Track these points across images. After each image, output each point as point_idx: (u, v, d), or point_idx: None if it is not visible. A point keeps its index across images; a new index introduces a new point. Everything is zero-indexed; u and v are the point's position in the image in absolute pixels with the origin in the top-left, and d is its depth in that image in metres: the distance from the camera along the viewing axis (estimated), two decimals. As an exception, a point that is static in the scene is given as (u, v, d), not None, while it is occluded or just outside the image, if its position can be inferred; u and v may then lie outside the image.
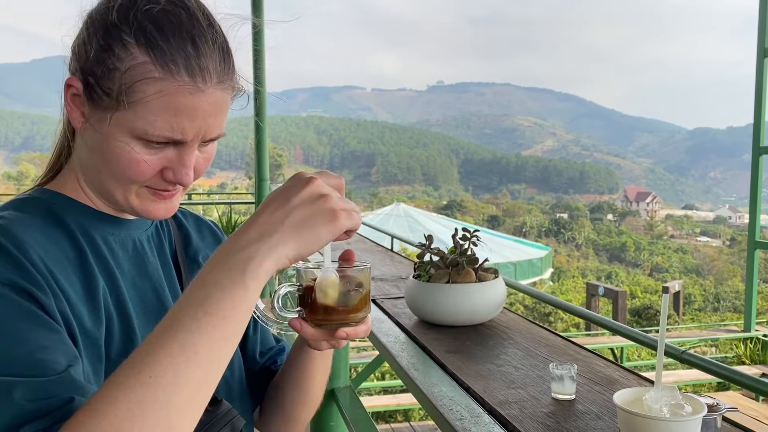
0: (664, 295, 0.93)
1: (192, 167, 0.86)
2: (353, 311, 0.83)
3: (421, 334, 1.82)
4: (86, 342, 0.80)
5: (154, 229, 1.01)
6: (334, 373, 2.51)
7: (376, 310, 2.17)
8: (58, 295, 0.77)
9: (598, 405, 1.27)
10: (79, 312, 0.80)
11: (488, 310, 1.90)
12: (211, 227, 1.16)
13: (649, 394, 0.92)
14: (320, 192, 0.72)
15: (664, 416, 0.87)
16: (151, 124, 0.80)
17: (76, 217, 0.89)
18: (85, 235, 0.88)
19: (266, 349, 1.18)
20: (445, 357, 1.60)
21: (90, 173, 0.89)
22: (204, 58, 0.82)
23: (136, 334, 0.87)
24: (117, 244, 0.92)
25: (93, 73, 0.82)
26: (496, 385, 1.39)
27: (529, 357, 1.60)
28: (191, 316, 0.66)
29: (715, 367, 1.18)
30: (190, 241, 1.08)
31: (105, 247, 0.89)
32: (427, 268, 1.96)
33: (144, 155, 0.83)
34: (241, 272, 0.68)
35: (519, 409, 1.26)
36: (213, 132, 0.85)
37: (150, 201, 0.88)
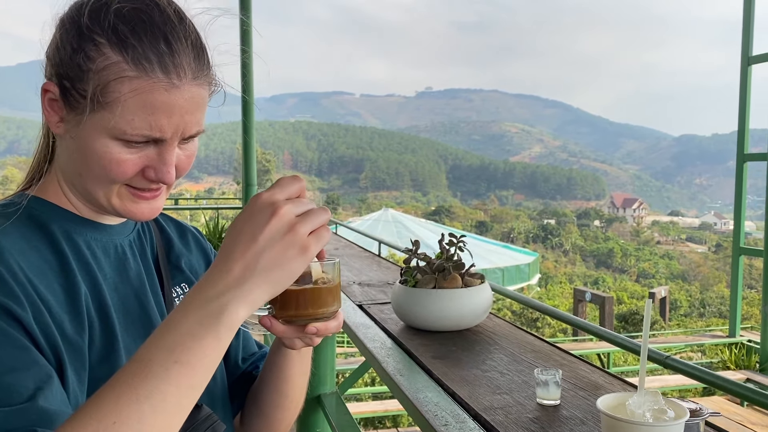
0: (647, 301, 0.94)
1: (173, 165, 0.86)
2: (323, 306, 0.83)
3: (407, 340, 1.82)
4: (69, 350, 0.79)
5: (136, 235, 1.00)
6: (320, 379, 2.50)
7: (362, 315, 2.16)
8: (37, 305, 0.76)
9: (582, 410, 1.27)
10: (61, 320, 0.79)
11: (474, 316, 1.90)
12: (195, 234, 1.15)
13: (632, 399, 0.92)
14: (288, 223, 0.71)
15: (646, 421, 0.87)
16: (128, 123, 0.80)
17: (59, 223, 0.88)
18: (68, 240, 0.87)
19: (248, 354, 1.18)
20: (431, 363, 1.60)
21: (71, 176, 0.89)
22: (177, 55, 0.82)
23: (117, 340, 0.86)
24: (99, 249, 0.92)
25: (68, 77, 0.82)
26: (482, 391, 1.39)
27: (514, 362, 1.60)
28: (161, 363, 0.66)
29: (699, 372, 1.19)
30: (172, 247, 1.07)
31: (88, 252, 0.89)
32: (413, 274, 1.96)
33: (124, 155, 0.83)
34: (215, 322, 0.68)
35: (504, 415, 1.26)
36: (192, 128, 0.85)
37: (132, 202, 0.88)
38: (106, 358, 0.84)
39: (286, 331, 0.83)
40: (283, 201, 0.72)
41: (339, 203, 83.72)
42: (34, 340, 0.74)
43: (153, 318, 0.94)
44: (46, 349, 0.76)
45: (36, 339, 0.74)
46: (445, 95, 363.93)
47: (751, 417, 6.43)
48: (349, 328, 2.00)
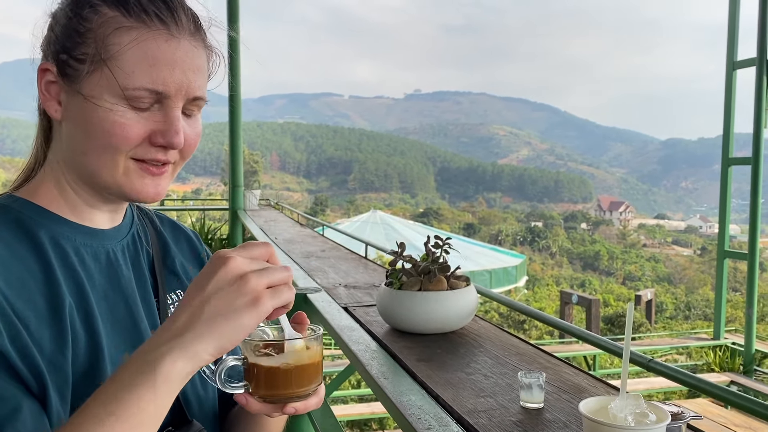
0: (629, 305, 0.94)
1: (180, 128, 0.83)
2: (303, 384, 0.76)
3: (392, 342, 1.81)
4: (51, 369, 0.76)
5: (131, 239, 0.97)
6: (305, 381, 2.48)
7: (348, 318, 2.16)
8: (14, 326, 0.74)
9: (566, 413, 1.27)
10: (40, 337, 0.76)
11: (460, 318, 1.90)
12: (189, 236, 1.11)
13: (614, 402, 0.92)
14: (237, 273, 0.68)
15: (628, 425, 0.87)
16: (129, 76, 0.79)
17: (48, 228, 0.85)
18: (56, 247, 0.84)
19: None
20: (416, 365, 1.59)
21: (74, 162, 0.86)
22: (174, 10, 0.83)
23: (103, 353, 0.83)
24: (89, 255, 0.88)
25: (65, 48, 0.82)
26: (466, 394, 1.39)
27: (499, 365, 1.60)
28: (96, 415, 0.64)
29: (681, 375, 1.19)
30: (168, 250, 1.04)
31: (76, 258, 0.86)
32: (399, 276, 1.95)
33: (128, 118, 0.81)
34: (150, 373, 0.66)
35: (487, 418, 1.25)
36: (195, 89, 0.84)
37: (138, 177, 0.85)
38: (89, 372, 0.81)
39: (262, 409, 0.79)
40: (238, 254, 0.70)
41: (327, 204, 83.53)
42: (12, 365, 0.72)
43: (142, 328, 0.91)
44: (25, 372, 0.73)
45: (13, 363, 0.72)
46: (434, 97, 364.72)
47: (735, 419, 6.49)
48: (334, 331, 1.99)
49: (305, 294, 2.41)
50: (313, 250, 3.93)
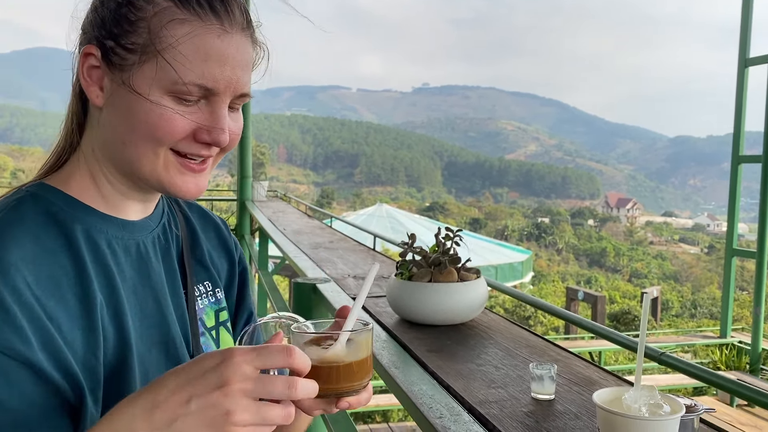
0: (645, 295, 0.94)
1: (227, 126, 0.82)
2: (357, 379, 0.76)
3: (402, 333, 1.82)
4: (84, 372, 0.75)
5: (161, 230, 0.95)
6: (313, 371, 2.50)
7: (357, 308, 2.16)
8: (47, 330, 0.72)
9: (577, 405, 1.28)
10: (73, 339, 0.75)
11: (470, 310, 1.90)
12: (217, 225, 1.08)
13: (628, 393, 0.92)
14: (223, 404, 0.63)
15: (642, 415, 0.87)
16: (180, 71, 0.77)
17: (81, 221, 0.83)
18: (88, 240, 0.82)
19: None
20: (426, 356, 1.60)
21: (111, 151, 0.83)
22: (228, 3, 0.81)
23: (131, 349, 0.82)
24: (121, 248, 0.87)
25: (112, 35, 0.79)
26: (477, 385, 1.39)
27: (509, 357, 1.60)
28: None
29: (693, 369, 1.19)
30: (197, 241, 1.02)
31: (108, 251, 0.84)
32: (409, 267, 1.96)
33: (175, 112, 0.79)
34: None
35: (499, 408, 1.26)
36: (243, 86, 0.82)
37: (179, 174, 0.82)
38: (118, 370, 0.80)
39: (314, 405, 0.77)
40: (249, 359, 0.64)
41: (333, 197, 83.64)
42: (45, 376, 0.71)
43: (171, 324, 0.90)
44: (60, 380, 0.72)
45: (46, 373, 0.71)
46: (442, 91, 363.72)
47: (741, 417, 6.48)
48: (344, 320, 1.99)
49: (314, 284, 2.42)
50: (321, 242, 3.93)
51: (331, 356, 0.74)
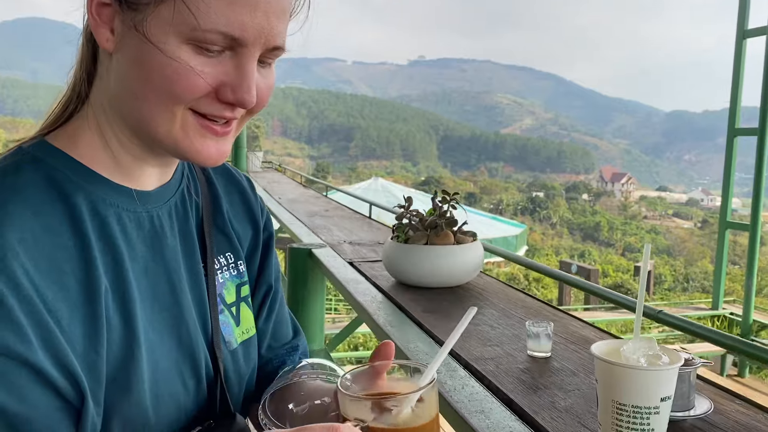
0: (646, 246, 0.92)
1: (254, 83, 0.70)
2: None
3: (398, 295, 1.81)
4: (85, 369, 0.67)
5: (180, 197, 0.84)
6: (308, 336, 2.50)
7: (353, 272, 2.15)
8: (46, 324, 0.64)
9: (573, 362, 1.27)
10: (72, 334, 0.67)
11: (466, 272, 1.89)
12: (243, 189, 0.97)
13: (626, 345, 0.91)
14: None
15: (641, 366, 0.86)
16: (203, 14, 0.65)
17: (87, 191, 0.72)
18: (95, 215, 0.72)
19: (279, 344, 1.02)
20: (422, 316, 1.59)
21: (123, 106, 0.72)
22: None
23: (138, 340, 0.73)
24: (132, 222, 0.76)
25: None
26: (473, 343, 1.39)
27: (505, 317, 1.60)
28: None
29: (690, 326, 1.19)
30: (219, 208, 0.91)
31: (118, 227, 0.74)
32: (405, 230, 1.95)
33: (195, 64, 0.67)
34: None
35: (495, 365, 1.25)
36: (276, 38, 0.70)
37: (199, 136, 0.71)
38: (123, 366, 0.71)
39: None
40: None
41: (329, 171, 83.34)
42: (46, 378, 0.64)
43: (184, 307, 0.81)
44: (60, 380, 0.65)
45: (46, 374, 0.64)
46: (438, 65, 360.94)
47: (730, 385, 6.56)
48: (340, 283, 1.99)
49: (310, 249, 2.40)
50: (317, 210, 3.92)
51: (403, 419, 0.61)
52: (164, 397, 0.77)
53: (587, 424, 0.99)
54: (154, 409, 0.75)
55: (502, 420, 1.00)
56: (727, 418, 1.01)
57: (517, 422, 1.00)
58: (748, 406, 1.06)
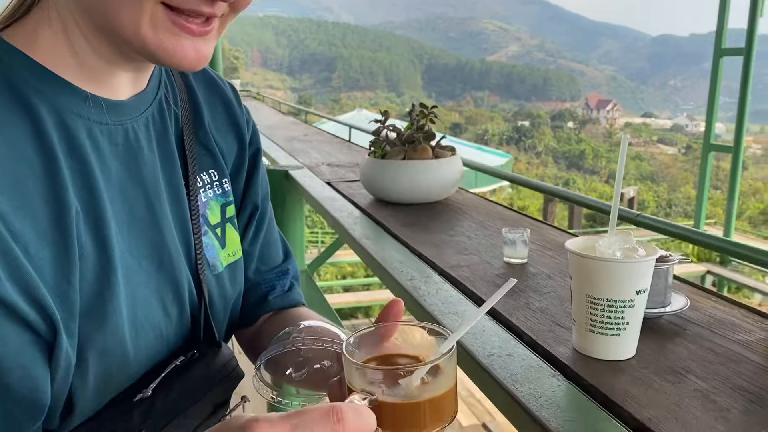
0: (623, 136, 0.88)
1: None
2: (441, 419, 0.55)
3: (375, 212, 1.78)
4: (56, 300, 0.61)
5: (157, 107, 0.77)
6: (289, 258, 2.48)
7: (330, 191, 2.11)
8: (11, 252, 0.57)
9: (549, 267, 1.26)
10: (41, 262, 0.60)
11: (444, 188, 1.86)
12: (226, 97, 0.89)
13: (602, 240, 0.89)
14: None
15: (616, 258, 0.84)
16: None
17: (51, 100, 0.64)
18: (62, 129, 0.64)
19: (268, 267, 0.97)
20: (399, 229, 1.56)
21: None
22: None
23: (115, 269, 0.67)
24: (104, 137, 0.68)
25: None
26: (449, 252, 1.37)
27: (483, 228, 1.58)
28: None
29: (670, 227, 1.17)
30: (200, 118, 0.83)
31: (88, 142, 0.66)
32: (382, 145, 1.89)
33: None
34: None
35: (470, 272, 1.23)
36: None
37: (170, 35, 0.61)
38: (98, 296, 0.66)
39: None
40: None
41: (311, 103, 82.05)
42: (14, 309, 0.58)
43: (165, 230, 0.75)
44: (29, 312, 0.59)
45: (15, 307, 0.58)
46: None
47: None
48: (317, 201, 1.95)
49: (287, 171, 2.35)
50: (296, 135, 3.83)
51: (418, 390, 0.54)
52: (144, 327, 0.72)
53: (562, 323, 0.98)
54: (134, 340, 0.70)
55: (475, 321, 0.99)
56: (703, 314, 1.00)
57: (490, 322, 0.99)
58: (724, 303, 1.05)
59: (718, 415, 0.71)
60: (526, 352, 0.88)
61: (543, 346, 0.89)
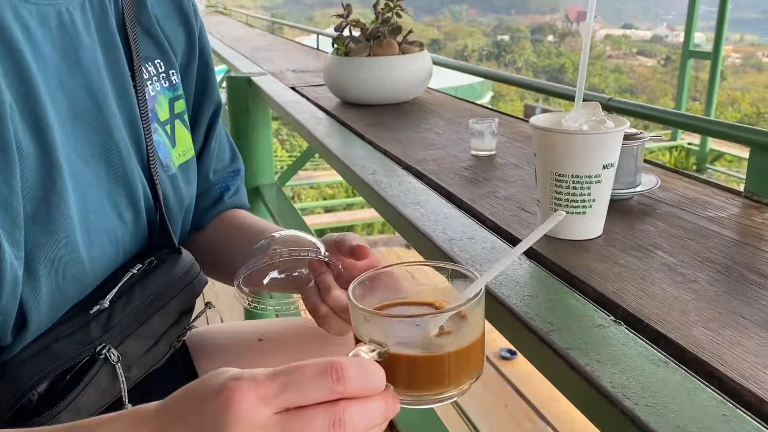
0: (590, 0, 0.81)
1: None
2: (470, 373, 0.48)
3: (340, 113, 1.70)
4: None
5: None
6: (258, 170, 2.40)
7: (294, 94, 2.02)
8: None
9: (517, 157, 1.21)
10: None
11: (412, 86, 1.77)
12: None
13: (568, 114, 0.83)
14: None
15: (582, 130, 0.79)
16: None
17: None
18: None
19: (221, 167, 0.94)
20: (364, 129, 1.49)
21: None
22: None
23: (60, 169, 0.61)
24: (34, 18, 0.62)
25: None
26: (415, 148, 1.31)
27: (452, 125, 1.51)
28: None
29: (645, 110, 1.11)
30: (143, 3, 0.77)
31: (16, 24, 0.59)
32: (346, 42, 1.79)
33: None
34: None
35: (436, 165, 1.18)
36: None
37: None
38: (43, 201, 0.60)
39: None
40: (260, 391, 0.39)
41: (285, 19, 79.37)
42: None
43: (113, 125, 0.69)
44: None
45: None
46: None
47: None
48: (279, 105, 1.86)
49: (249, 77, 2.24)
50: (262, 45, 3.67)
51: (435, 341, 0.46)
52: (98, 233, 0.67)
53: (528, 208, 0.93)
54: (87, 248, 0.65)
55: (437, 208, 0.94)
56: (675, 194, 0.96)
57: (453, 209, 0.94)
58: (696, 182, 1.01)
59: (685, 286, 0.67)
60: (489, 235, 0.84)
61: (507, 230, 0.85)
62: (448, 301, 0.50)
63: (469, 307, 0.46)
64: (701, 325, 0.60)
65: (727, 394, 0.51)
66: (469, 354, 0.47)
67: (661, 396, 0.49)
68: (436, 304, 0.51)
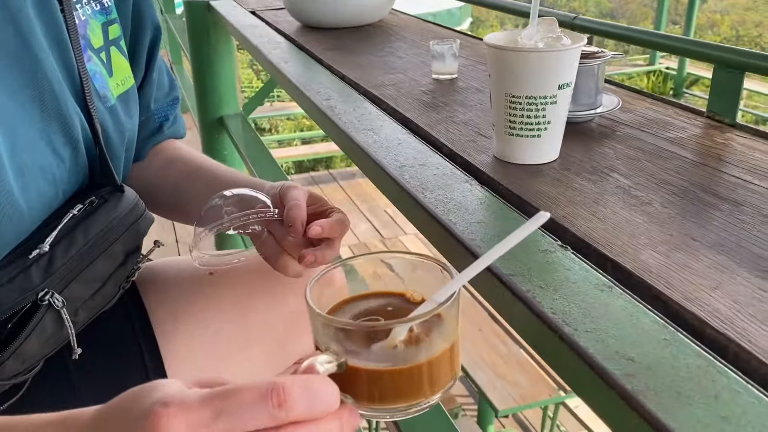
0: None
1: None
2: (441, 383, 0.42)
3: (299, 37, 1.62)
4: None
5: None
6: (222, 100, 2.32)
7: (253, 18, 1.92)
8: None
9: (479, 81, 1.16)
10: None
11: (375, 7, 1.69)
12: None
13: (524, 32, 0.79)
14: None
15: (537, 48, 0.74)
16: None
17: None
18: None
19: (161, 95, 0.91)
20: (323, 53, 1.42)
21: None
22: None
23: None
24: None
25: None
26: (375, 72, 1.25)
27: (416, 48, 1.45)
28: None
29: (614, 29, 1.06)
30: None
31: None
32: (304, -39, 1.69)
33: None
34: None
35: (395, 90, 1.13)
36: None
37: None
38: None
39: None
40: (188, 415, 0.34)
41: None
42: None
43: (41, 59, 0.64)
44: None
45: None
46: None
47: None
48: (236, 30, 1.77)
49: (208, 2, 2.12)
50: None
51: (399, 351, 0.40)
52: (32, 172, 0.62)
53: (485, 132, 0.90)
54: (22, 189, 0.61)
55: (391, 134, 0.90)
56: (635, 115, 0.93)
57: (408, 135, 0.90)
58: (659, 103, 0.98)
59: (638, 209, 0.65)
60: (442, 161, 0.81)
61: (462, 155, 0.82)
62: (421, 292, 0.45)
63: (442, 310, 0.40)
64: (651, 249, 0.58)
65: (671, 317, 0.49)
66: (441, 363, 0.41)
67: (602, 321, 0.48)
68: (406, 295, 0.46)
